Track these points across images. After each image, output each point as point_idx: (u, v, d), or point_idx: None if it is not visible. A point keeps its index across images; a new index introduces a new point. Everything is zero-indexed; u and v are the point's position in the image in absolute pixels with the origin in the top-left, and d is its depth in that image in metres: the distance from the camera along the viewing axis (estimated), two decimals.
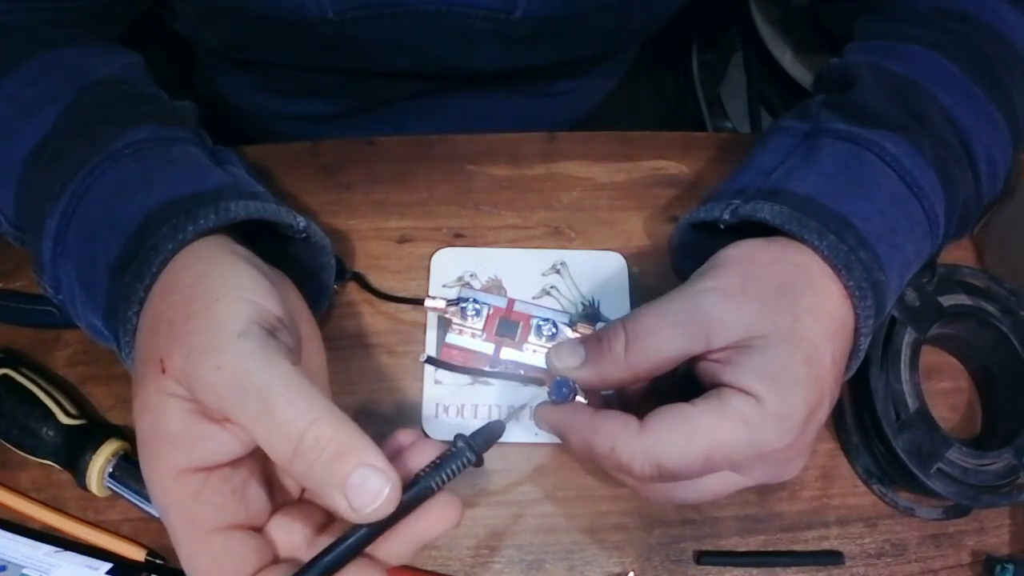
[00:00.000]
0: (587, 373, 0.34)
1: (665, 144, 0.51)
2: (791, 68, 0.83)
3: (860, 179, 0.36)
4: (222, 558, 0.28)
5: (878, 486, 0.42)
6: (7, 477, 0.40)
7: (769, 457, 0.31)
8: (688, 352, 0.32)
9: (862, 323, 0.34)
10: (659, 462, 0.30)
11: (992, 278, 0.44)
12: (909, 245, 0.36)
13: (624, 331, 0.33)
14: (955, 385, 0.46)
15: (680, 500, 0.34)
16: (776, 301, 0.32)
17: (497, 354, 0.43)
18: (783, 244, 0.34)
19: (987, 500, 0.40)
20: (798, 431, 0.31)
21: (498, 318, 0.44)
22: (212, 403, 0.27)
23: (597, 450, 0.32)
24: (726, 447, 0.30)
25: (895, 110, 0.38)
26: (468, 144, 0.50)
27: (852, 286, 0.33)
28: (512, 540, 0.40)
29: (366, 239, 0.47)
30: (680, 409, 0.31)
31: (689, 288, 0.34)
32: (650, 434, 0.31)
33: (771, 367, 0.31)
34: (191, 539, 0.28)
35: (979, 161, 0.39)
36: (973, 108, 0.40)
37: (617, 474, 0.34)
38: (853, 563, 0.41)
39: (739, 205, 0.36)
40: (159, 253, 0.30)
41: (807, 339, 0.32)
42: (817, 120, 0.40)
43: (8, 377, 0.40)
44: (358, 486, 0.26)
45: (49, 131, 0.35)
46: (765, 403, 0.30)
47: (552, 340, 0.44)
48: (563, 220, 0.48)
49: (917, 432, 0.40)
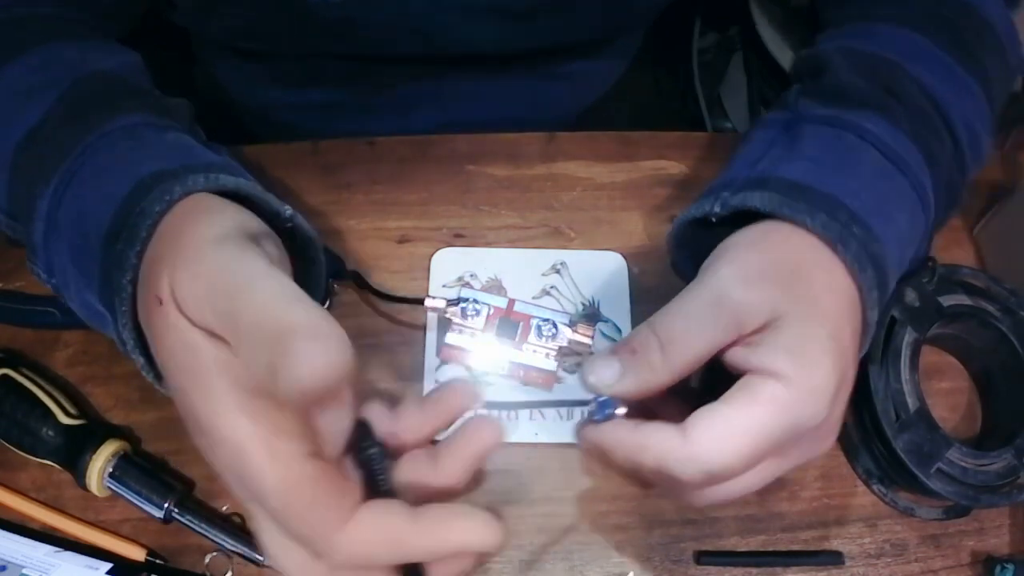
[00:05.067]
0: (627, 386, 0.33)
1: (665, 144, 0.51)
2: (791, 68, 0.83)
3: (844, 160, 0.37)
4: (324, 485, 0.25)
5: (878, 486, 0.42)
6: (7, 477, 0.40)
7: (806, 436, 0.32)
8: (722, 343, 0.32)
9: (866, 294, 0.34)
10: (708, 470, 0.30)
11: (992, 278, 0.44)
12: (901, 217, 0.37)
13: (656, 337, 0.32)
14: (955, 385, 0.46)
15: (726, 499, 0.34)
16: (795, 281, 0.33)
17: (496, 354, 0.43)
18: (779, 228, 0.35)
19: (987, 500, 0.39)
20: (830, 405, 0.31)
21: (498, 318, 0.44)
22: (196, 317, 0.25)
23: (643, 466, 0.32)
24: (769, 437, 0.30)
25: (870, 89, 0.39)
26: (468, 144, 0.50)
27: (850, 259, 0.33)
28: (512, 540, 0.40)
29: (366, 239, 0.47)
30: (716, 411, 0.31)
31: (708, 280, 0.33)
32: (695, 443, 0.30)
33: (798, 344, 0.31)
34: (280, 472, 0.25)
35: (959, 132, 0.40)
36: (949, 80, 0.40)
37: (664, 485, 0.34)
38: (853, 563, 0.41)
39: (728, 197, 0.36)
40: (147, 216, 0.29)
41: (828, 315, 0.32)
42: (796, 109, 0.41)
43: (8, 377, 0.40)
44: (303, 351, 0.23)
45: (42, 117, 0.35)
46: (795, 382, 0.31)
47: (552, 341, 0.44)
48: (563, 220, 0.48)
49: (917, 432, 0.40)
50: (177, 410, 0.28)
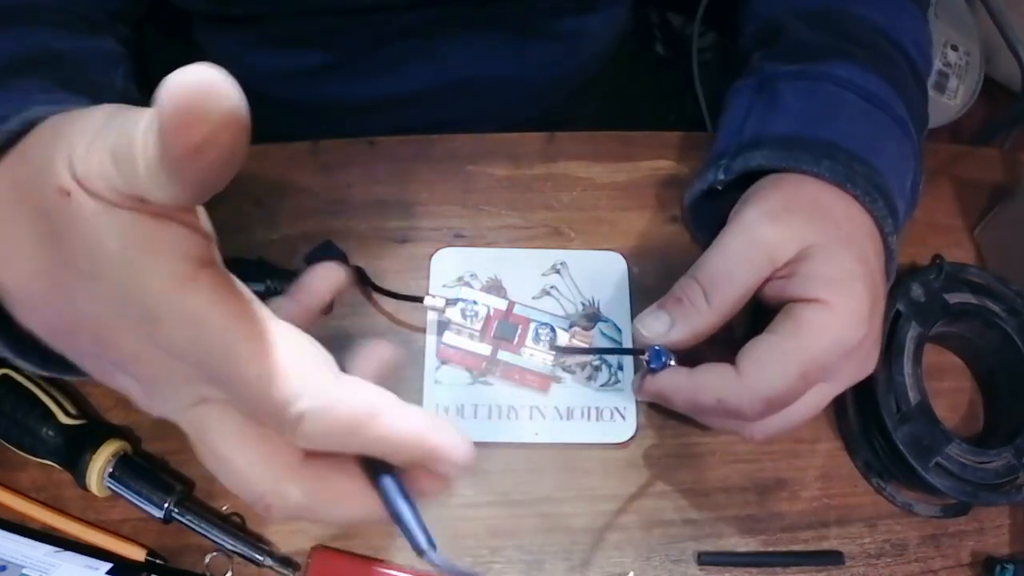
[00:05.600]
0: (679, 333, 0.36)
1: (665, 144, 0.51)
2: None
3: (827, 107, 0.40)
4: (300, 340, 0.24)
5: (877, 480, 0.42)
6: (7, 477, 0.40)
7: (851, 355, 0.34)
8: (760, 279, 0.35)
9: (883, 223, 0.37)
10: (765, 396, 0.33)
11: (999, 278, 0.44)
12: (891, 147, 0.40)
13: (698, 283, 0.36)
14: (957, 385, 0.46)
15: (786, 428, 0.36)
16: (816, 214, 0.36)
17: (495, 355, 0.44)
18: (788, 178, 0.38)
19: (986, 498, 0.39)
20: (867, 323, 0.34)
21: (497, 320, 0.44)
22: (102, 188, 0.22)
23: (704, 405, 0.34)
24: (817, 358, 0.33)
25: (828, 39, 0.43)
26: (468, 144, 0.50)
27: (860, 195, 0.37)
28: (512, 540, 0.40)
29: (366, 239, 0.47)
30: (764, 341, 0.34)
31: (738, 224, 0.36)
32: (748, 375, 0.33)
33: (830, 269, 0.34)
34: (254, 329, 0.22)
35: (911, 52, 0.44)
36: (886, 7, 0.44)
37: (725, 423, 0.37)
38: (853, 563, 0.41)
39: (728, 163, 0.39)
40: None
41: (853, 240, 0.35)
42: (762, 72, 0.44)
43: (8, 377, 0.40)
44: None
45: None
46: (833, 305, 0.33)
47: (550, 345, 0.44)
48: (563, 220, 0.48)
49: (917, 425, 0.40)
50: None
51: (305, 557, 0.39)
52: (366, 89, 0.57)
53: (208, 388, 0.24)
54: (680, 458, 0.43)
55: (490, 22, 0.56)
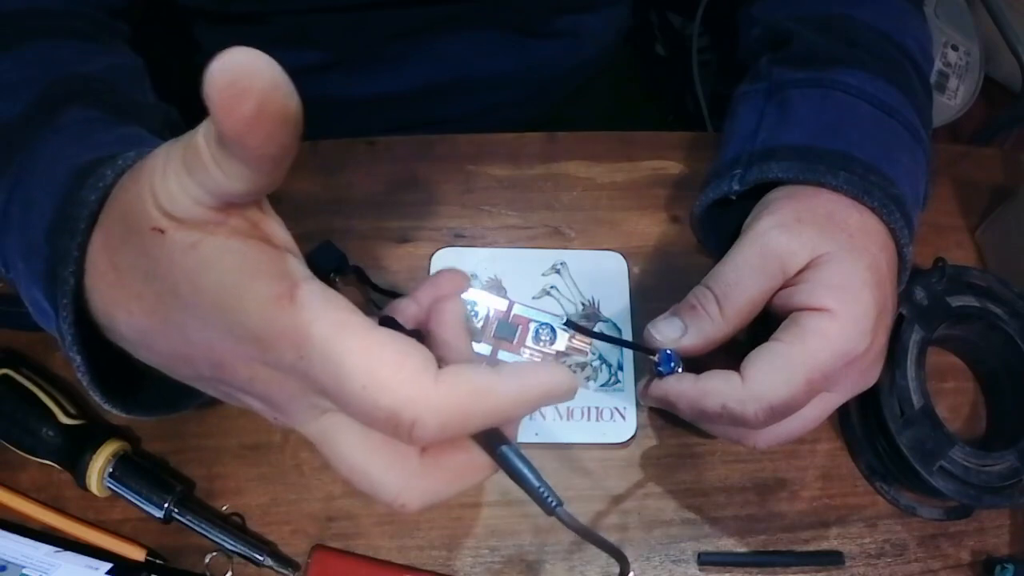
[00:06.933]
0: (691, 340, 0.36)
1: (665, 144, 0.51)
2: None
3: (840, 116, 0.40)
4: (398, 343, 0.24)
5: (880, 483, 0.42)
6: (7, 477, 0.40)
7: (854, 365, 0.34)
8: (772, 289, 0.36)
9: (899, 234, 0.37)
10: (769, 404, 0.33)
11: (1002, 281, 0.44)
12: (904, 156, 0.40)
13: (711, 292, 0.36)
14: (960, 387, 0.46)
15: (789, 437, 0.37)
16: (829, 224, 0.36)
17: (494, 355, 0.44)
18: (804, 189, 0.38)
19: (990, 501, 0.39)
20: (872, 333, 0.34)
21: (497, 320, 0.44)
22: (186, 215, 0.24)
23: (708, 411, 0.34)
24: (821, 366, 0.33)
25: (836, 46, 0.42)
26: (468, 144, 0.50)
27: (877, 206, 0.37)
28: (512, 540, 0.40)
29: (366, 239, 0.47)
30: (769, 349, 0.34)
31: (750, 234, 0.37)
32: (753, 381, 0.33)
33: (838, 277, 0.34)
34: (354, 341, 0.23)
35: (915, 54, 0.44)
36: (888, 10, 0.44)
37: (729, 431, 0.37)
38: (853, 563, 0.41)
39: (743, 173, 0.39)
40: (85, 206, 0.27)
41: (865, 249, 0.35)
42: (771, 77, 0.43)
43: (8, 377, 0.40)
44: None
45: (11, 115, 0.34)
46: (838, 313, 0.33)
47: (549, 346, 0.44)
48: (563, 220, 0.48)
49: (921, 429, 0.40)
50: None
51: (305, 557, 0.39)
52: (366, 86, 0.57)
53: (324, 400, 0.25)
54: (680, 458, 0.43)
55: (491, 20, 0.56)
